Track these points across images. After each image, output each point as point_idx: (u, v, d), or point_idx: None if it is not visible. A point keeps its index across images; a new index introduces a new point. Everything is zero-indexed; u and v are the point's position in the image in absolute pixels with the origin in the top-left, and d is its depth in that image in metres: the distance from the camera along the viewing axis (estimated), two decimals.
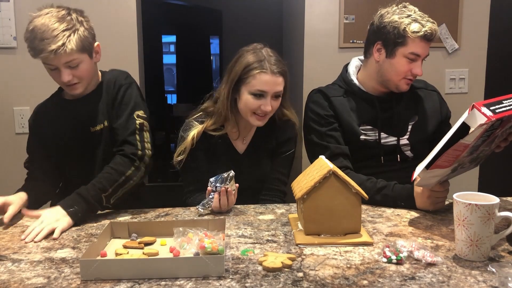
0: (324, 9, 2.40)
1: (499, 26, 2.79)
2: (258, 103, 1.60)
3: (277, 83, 1.60)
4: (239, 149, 1.75)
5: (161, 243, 1.23)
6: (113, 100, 1.61)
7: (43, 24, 1.45)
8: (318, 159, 1.36)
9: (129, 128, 1.56)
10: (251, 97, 1.60)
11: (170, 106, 5.74)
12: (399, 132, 1.73)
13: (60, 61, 1.47)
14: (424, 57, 1.67)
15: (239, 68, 1.61)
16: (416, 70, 1.64)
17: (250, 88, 1.59)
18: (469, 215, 1.06)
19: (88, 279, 1.01)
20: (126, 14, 2.30)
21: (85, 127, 1.62)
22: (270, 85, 1.59)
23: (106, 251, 1.17)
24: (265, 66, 1.58)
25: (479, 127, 1.11)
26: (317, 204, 1.22)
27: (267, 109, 1.60)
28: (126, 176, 1.49)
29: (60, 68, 1.50)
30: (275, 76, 1.59)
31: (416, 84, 1.80)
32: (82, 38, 1.49)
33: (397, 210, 1.49)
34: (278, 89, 1.61)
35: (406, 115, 1.75)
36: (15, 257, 1.15)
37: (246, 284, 0.98)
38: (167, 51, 6.78)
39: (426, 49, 1.64)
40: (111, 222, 1.29)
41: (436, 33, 1.62)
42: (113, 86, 1.62)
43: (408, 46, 1.61)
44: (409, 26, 1.60)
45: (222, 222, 1.28)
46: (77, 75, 1.53)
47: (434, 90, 1.85)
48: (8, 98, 2.29)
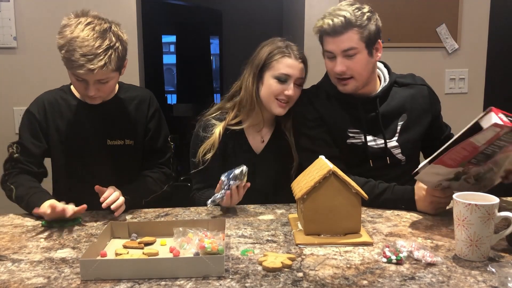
0: (324, 9, 2.38)
1: (499, 26, 2.80)
2: (281, 87, 1.63)
3: (299, 68, 1.65)
4: (256, 149, 1.75)
5: (161, 243, 1.23)
6: (146, 121, 1.68)
7: (85, 38, 1.39)
8: (318, 159, 1.36)
9: (166, 152, 1.72)
10: (274, 82, 1.63)
11: (170, 106, 5.74)
12: (387, 134, 1.64)
13: (94, 78, 1.44)
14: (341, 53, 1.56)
15: (262, 55, 1.65)
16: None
17: (274, 72, 1.63)
18: (469, 215, 1.06)
19: (88, 279, 1.01)
20: (126, 14, 2.30)
21: (102, 138, 1.62)
22: (293, 69, 1.63)
23: (106, 251, 1.17)
24: (289, 51, 1.64)
25: (492, 129, 1.10)
26: (317, 204, 1.22)
27: (290, 93, 1.62)
28: (162, 191, 1.67)
29: (89, 83, 1.46)
30: (298, 61, 1.65)
31: (403, 79, 1.69)
32: (119, 57, 1.46)
33: (397, 210, 1.49)
34: (301, 75, 1.66)
35: (394, 114, 1.65)
36: (15, 257, 1.15)
37: (246, 284, 0.98)
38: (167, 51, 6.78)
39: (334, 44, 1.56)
40: (111, 222, 1.29)
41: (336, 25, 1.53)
42: (146, 107, 1.68)
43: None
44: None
45: (222, 222, 1.28)
46: (103, 90, 1.51)
47: (423, 84, 1.72)
48: (8, 98, 2.29)
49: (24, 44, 2.28)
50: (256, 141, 1.75)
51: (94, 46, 1.39)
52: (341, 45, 1.54)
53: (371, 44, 1.57)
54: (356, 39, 1.53)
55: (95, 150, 1.62)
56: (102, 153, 1.62)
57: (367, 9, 1.58)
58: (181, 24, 5.77)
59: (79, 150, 1.61)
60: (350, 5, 1.57)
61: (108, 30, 1.44)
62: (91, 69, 1.39)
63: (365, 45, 1.55)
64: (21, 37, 2.28)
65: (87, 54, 1.38)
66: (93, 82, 1.46)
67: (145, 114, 1.67)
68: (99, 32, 1.41)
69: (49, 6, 2.27)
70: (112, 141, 1.62)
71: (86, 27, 1.41)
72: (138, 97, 1.69)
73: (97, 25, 1.43)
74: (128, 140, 1.64)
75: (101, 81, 1.47)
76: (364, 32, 1.54)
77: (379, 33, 1.60)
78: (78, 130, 1.61)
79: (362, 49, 1.55)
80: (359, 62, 1.55)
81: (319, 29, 1.58)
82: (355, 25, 1.52)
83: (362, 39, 1.54)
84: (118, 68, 1.49)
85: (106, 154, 1.62)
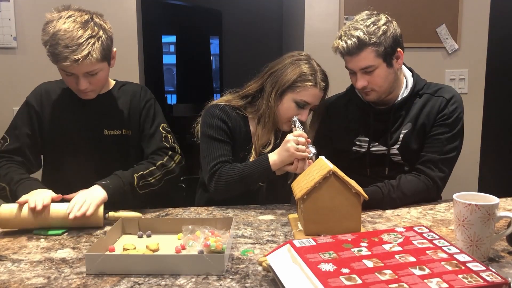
0: (324, 9, 2.41)
1: (499, 26, 2.80)
2: (297, 112, 1.63)
3: (320, 97, 1.66)
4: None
5: (178, 237, 1.26)
6: (139, 112, 1.65)
7: (67, 30, 1.41)
8: (318, 159, 1.36)
9: (156, 137, 1.64)
10: (293, 105, 1.62)
11: (170, 106, 5.74)
12: (390, 142, 1.65)
13: (81, 70, 1.44)
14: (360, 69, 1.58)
15: (292, 75, 1.61)
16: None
17: (296, 96, 1.61)
18: (469, 215, 1.06)
19: (93, 273, 1.03)
20: (126, 14, 2.30)
21: (100, 128, 1.62)
22: (315, 98, 1.64)
23: (115, 246, 1.19)
24: (317, 80, 1.62)
25: None
26: (317, 204, 1.22)
27: (303, 119, 1.64)
28: (160, 163, 1.58)
29: (79, 76, 1.47)
30: (321, 92, 1.64)
31: (424, 90, 1.66)
32: (104, 46, 1.46)
33: (397, 211, 1.50)
34: (317, 103, 1.67)
35: (401, 123, 1.65)
36: (15, 257, 1.15)
37: (246, 284, 0.98)
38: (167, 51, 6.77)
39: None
40: (122, 218, 1.31)
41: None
42: (138, 98, 1.66)
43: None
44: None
45: (230, 221, 1.28)
46: (93, 83, 1.51)
47: (442, 96, 1.63)
48: (8, 98, 2.29)
49: (24, 44, 2.29)
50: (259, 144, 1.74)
51: (75, 37, 1.41)
52: (358, 64, 1.56)
53: (389, 57, 1.57)
54: (372, 57, 1.54)
55: (93, 140, 1.61)
56: (99, 143, 1.62)
57: (383, 21, 1.56)
58: (181, 24, 5.76)
59: (74, 140, 1.61)
60: (366, 19, 1.56)
61: (90, 21, 1.46)
62: (75, 60, 1.40)
63: (383, 59, 1.55)
64: (21, 37, 2.28)
65: (70, 46, 1.40)
66: (82, 75, 1.47)
67: (139, 103, 1.67)
68: (80, 23, 1.43)
69: (49, 6, 2.25)
70: (109, 131, 1.62)
71: (67, 20, 1.43)
72: (132, 89, 1.69)
73: (78, 16, 1.45)
74: (125, 129, 1.64)
75: (90, 73, 1.47)
76: (380, 49, 1.53)
77: (398, 42, 1.58)
78: (74, 120, 1.61)
79: (380, 63, 1.55)
80: (378, 76, 1.57)
81: (336, 49, 1.59)
82: (369, 44, 1.52)
83: (378, 56, 1.54)
84: (105, 58, 1.49)
85: (101, 144, 1.62)
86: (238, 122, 1.68)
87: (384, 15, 1.59)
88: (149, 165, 1.57)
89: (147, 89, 1.74)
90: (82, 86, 1.48)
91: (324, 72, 1.66)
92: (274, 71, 1.66)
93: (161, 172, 1.57)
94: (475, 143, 2.55)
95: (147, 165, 1.57)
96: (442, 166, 1.58)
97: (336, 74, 1.84)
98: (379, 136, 1.67)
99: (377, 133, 1.67)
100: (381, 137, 1.67)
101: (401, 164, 1.67)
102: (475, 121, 2.49)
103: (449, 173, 1.61)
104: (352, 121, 1.72)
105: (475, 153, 2.56)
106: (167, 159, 1.61)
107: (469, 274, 0.85)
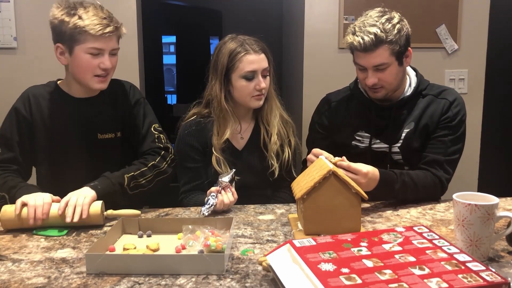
0: (324, 10, 2.41)
1: (499, 27, 2.80)
2: (251, 84, 1.65)
3: (261, 59, 1.67)
4: (238, 146, 1.75)
5: (178, 237, 1.25)
6: (129, 111, 1.66)
7: (94, 13, 1.50)
8: (318, 159, 1.37)
9: (148, 139, 1.65)
10: (243, 81, 1.65)
11: (170, 106, 5.74)
12: (391, 140, 1.67)
13: (109, 46, 1.52)
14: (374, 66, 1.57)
15: (224, 58, 1.66)
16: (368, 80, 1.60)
17: (239, 72, 1.65)
18: (468, 215, 1.06)
19: (93, 273, 1.03)
20: (126, 14, 2.30)
21: (93, 132, 1.61)
22: (256, 64, 1.65)
23: (116, 246, 1.19)
24: (247, 47, 1.65)
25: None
26: (317, 204, 1.22)
27: (262, 86, 1.66)
28: (152, 164, 1.59)
29: (105, 53, 1.52)
30: (258, 54, 1.66)
31: (428, 91, 1.67)
32: (119, 28, 1.56)
33: (397, 210, 1.50)
34: (264, 66, 1.68)
35: (403, 122, 1.66)
36: (15, 257, 1.15)
37: (246, 284, 0.98)
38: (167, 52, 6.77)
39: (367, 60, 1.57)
40: (122, 218, 1.31)
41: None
42: (128, 98, 1.67)
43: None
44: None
45: (230, 221, 1.28)
46: (113, 65, 1.56)
47: (445, 98, 1.64)
48: (8, 98, 2.29)
49: (24, 44, 2.28)
50: (236, 139, 1.76)
51: (102, 16, 1.51)
52: (372, 61, 1.55)
53: (401, 55, 1.57)
54: (387, 55, 1.54)
55: (87, 145, 1.61)
56: (93, 148, 1.61)
57: (397, 19, 1.56)
58: (181, 24, 5.76)
59: (68, 146, 1.60)
60: (380, 16, 1.55)
61: (112, 15, 1.57)
62: (110, 32, 1.49)
63: (396, 58, 1.56)
64: (21, 37, 2.28)
65: (103, 17, 1.50)
66: (108, 53, 1.52)
67: (129, 102, 1.67)
68: (100, 9, 1.54)
69: (49, 6, 2.26)
70: (103, 135, 1.62)
71: (91, 10, 1.52)
72: (121, 88, 1.69)
73: (99, 9, 1.55)
74: (118, 132, 1.64)
75: (112, 52, 1.54)
76: (395, 47, 1.54)
77: (409, 41, 1.59)
78: (66, 125, 1.60)
79: (393, 61, 1.56)
80: (389, 74, 1.57)
81: (350, 45, 1.58)
82: (385, 41, 1.52)
83: (393, 54, 1.55)
84: (118, 41, 1.58)
85: (96, 148, 1.62)
86: (210, 129, 1.72)
87: (396, 13, 1.60)
88: (140, 165, 1.58)
89: (135, 87, 1.74)
90: (106, 62, 1.53)
91: (255, 38, 1.70)
92: (212, 66, 1.72)
93: (152, 173, 1.58)
94: (475, 143, 2.54)
95: (139, 166, 1.58)
96: (447, 167, 1.60)
97: (336, 74, 1.85)
98: (380, 132, 1.68)
99: (378, 130, 1.68)
100: (382, 134, 1.68)
101: (401, 164, 1.67)
102: (475, 121, 2.49)
103: (453, 174, 1.63)
104: (353, 115, 1.73)
105: (475, 153, 2.56)
106: (159, 159, 1.61)
107: (469, 274, 0.85)
